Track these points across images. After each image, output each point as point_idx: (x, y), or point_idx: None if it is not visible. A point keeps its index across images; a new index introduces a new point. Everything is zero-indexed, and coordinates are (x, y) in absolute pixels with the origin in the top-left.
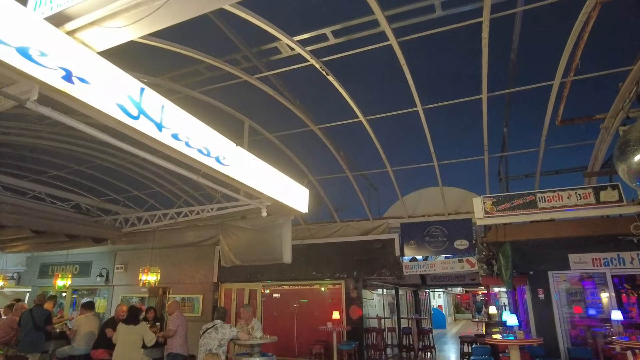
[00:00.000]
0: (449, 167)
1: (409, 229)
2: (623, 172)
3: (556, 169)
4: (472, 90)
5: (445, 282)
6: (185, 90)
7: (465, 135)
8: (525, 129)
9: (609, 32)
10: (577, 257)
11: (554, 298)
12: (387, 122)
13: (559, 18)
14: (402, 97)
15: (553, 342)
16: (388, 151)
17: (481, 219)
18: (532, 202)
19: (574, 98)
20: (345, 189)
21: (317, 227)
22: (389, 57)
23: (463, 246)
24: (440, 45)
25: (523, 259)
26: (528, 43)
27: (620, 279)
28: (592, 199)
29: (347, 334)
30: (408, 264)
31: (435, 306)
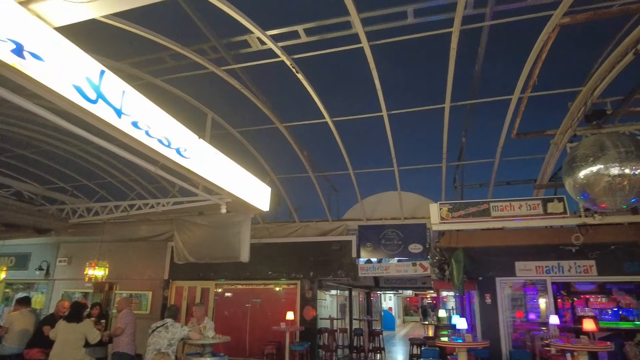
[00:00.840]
0: (408, 172)
1: (366, 232)
2: (569, 185)
3: (508, 179)
4: (436, 98)
5: (398, 284)
6: (148, 77)
7: (426, 143)
8: (483, 140)
9: (564, 54)
10: (522, 265)
11: (499, 303)
12: (353, 125)
13: (522, 36)
14: (368, 101)
15: (497, 345)
16: (351, 154)
17: (437, 225)
18: (486, 210)
19: (529, 113)
20: (306, 189)
21: (275, 227)
22: (359, 60)
23: (417, 250)
24: (410, 52)
25: (473, 264)
26: (492, 57)
27: (559, 286)
28: (540, 210)
29: (300, 335)
30: (364, 265)
31: (386, 308)
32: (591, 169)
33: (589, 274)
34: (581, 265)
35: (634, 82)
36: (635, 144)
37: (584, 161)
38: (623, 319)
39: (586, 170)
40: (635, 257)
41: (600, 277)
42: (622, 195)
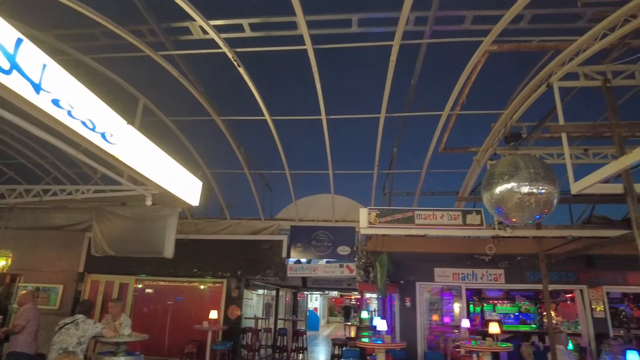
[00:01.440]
0: (342, 177)
1: (298, 232)
2: (486, 200)
3: (433, 190)
4: (373, 108)
5: (325, 285)
6: (76, 53)
7: (361, 150)
8: (412, 151)
9: (491, 79)
10: (441, 271)
11: (418, 306)
12: (292, 125)
13: (455, 57)
14: (309, 103)
15: (413, 346)
16: (289, 154)
17: (365, 229)
18: (411, 218)
19: (457, 130)
20: (240, 186)
21: (205, 222)
22: (302, 61)
23: (345, 252)
24: (352, 60)
25: (396, 268)
26: (428, 74)
27: (472, 292)
28: (460, 220)
29: (223, 334)
30: (293, 265)
31: (312, 308)
32: (506, 186)
33: (498, 282)
34: (492, 273)
35: (545, 111)
36: (543, 166)
37: (501, 178)
38: (522, 323)
39: (502, 187)
40: (536, 268)
41: (507, 284)
42: (529, 211)
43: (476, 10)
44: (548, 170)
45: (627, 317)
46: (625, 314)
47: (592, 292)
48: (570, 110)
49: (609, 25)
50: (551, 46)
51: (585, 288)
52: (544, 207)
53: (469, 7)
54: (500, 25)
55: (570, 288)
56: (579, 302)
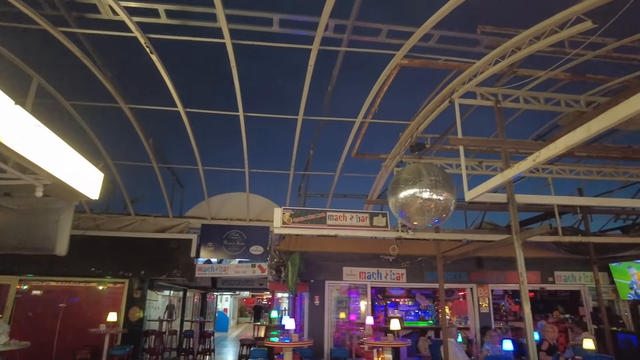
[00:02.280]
0: (258, 175)
1: (209, 231)
2: (392, 204)
3: (345, 193)
4: (291, 109)
5: (236, 285)
6: None
7: (278, 150)
8: (327, 155)
9: (401, 90)
10: (349, 270)
11: (326, 305)
12: (207, 119)
13: (370, 67)
14: (226, 98)
15: (320, 344)
16: (203, 149)
17: (278, 228)
18: (323, 218)
19: (369, 136)
20: (147, 180)
21: (106, 218)
22: (221, 55)
23: (258, 252)
24: (273, 60)
25: (307, 268)
26: (344, 81)
27: (376, 290)
28: (367, 222)
29: (122, 338)
30: (202, 266)
31: (221, 309)
32: (409, 191)
33: (401, 281)
34: (395, 272)
35: (447, 125)
36: (443, 175)
37: (405, 184)
38: (421, 319)
39: (405, 192)
40: (434, 268)
41: (408, 283)
42: (429, 215)
43: (391, 24)
44: (447, 178)
45: (507, 311)
46: (505, 308)
47: (479, 290)
48: (470, 126)
49: (500, 53)
50: (454, 66)
51: (475, 286)
52: (442, 212)
53: (385, 21)
54: (412, 41)
55: (463, 287)
56: (469, 299)
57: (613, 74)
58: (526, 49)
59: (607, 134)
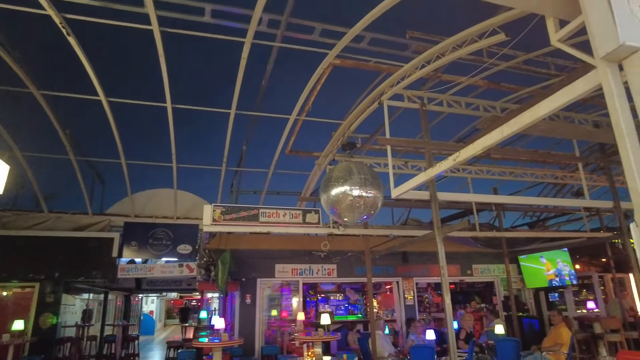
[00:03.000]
0: (187, 171)
1: (133, 229)
2: (324, 201)
3: (279, 190)
4: (223, 103)
5: (162, 286)
6: None
7: (209, 144)
8: (261, 151)
9: (334, 90)
10: (281, 267)
11: (258, 303)
12: (132, 110)
13: (304, 65)
14: (153, 88)
15: (251, 342)
16: (126, 142)
17: (208, 226)
18: (256, 215)
19: (303, 134)
20: (63, 174)
21: (13, 216)
22: (148, 43)
23: (186, 251)
24: (205, 51)
25: (239, 266)
26: (278, 77)
27: (308, 286)
28: (300, 219)
29: (31, 347)
30: (125, 266)
31: (147, 312)
32: (340, 189)
33: (332, 276)
34: (327, 268)
35: (377, 125)
36: (371, 173)
37: (336, 182)
38: (351, 313)
39: (337, 189)
40: (363, 263)
41: (339, 278)
42: (359, 212)
43: (325, 23)
44: (375, 177)
45: (430, 303)
46: (428, 300)
47: (405, 283)
48: (398, 127)
49: (426, 58)
50: (384, 68)
51: (401, 280)
52: (371, 208)
53: (319, 19)
54: (344, 41)
55: (390, 280)
56: (395, 292)
57: (523, 84)
58: (449, 56)
59: (518, 139)
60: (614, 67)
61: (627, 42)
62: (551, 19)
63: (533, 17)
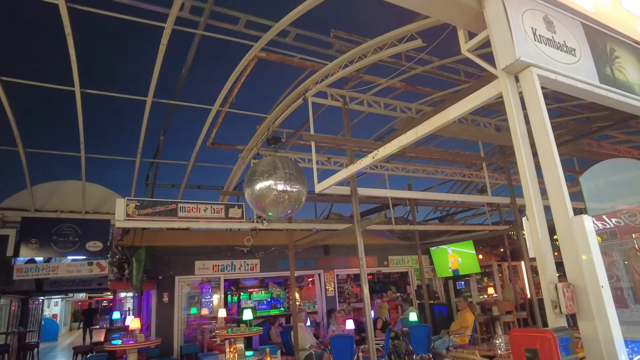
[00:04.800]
0: (97, 162)
1: (33, 225)
2: (248, 195)
3: (199, 184)
4: (139, 90)
5: (68, 287)
6: None
7: (122, 133)
8: (180, 142)
9: (260, 83)
10: (201, 264)
11: (176, 301)
12: (33, 92)
13: (229, 55)
14: (60, 69)
15: (169, 342)
16: (24, 127)
17: (121, 221)
18: (174, 210)
19: (226, 126)
20: None
21: None
22: (52, 18)
23: (96, 248)
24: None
25: (155, 263)
26: (200, 66)
27: (230, 282)
28: (222, 214)
29: None
30: (23, 266)
31: (49, 316)
32: (265, 183)
33: (254, 271)
34: (249, 263)
35: (302, 121)
36: (296, 168)
37: (261, 176)
38: (274, 307)
39: (261, 184)
40: (286, 257)
41: (262, 273)
42: (283, 206)
43: (250, 15)
44: (300, 172)
45: (349, 294)
46: (348, 291)
47: (326, 275)
48: (322, 124)
49: (349, 58)
50: (309, 65)
51: (322, 272)
52: (295, 203)
53: (244, 10)
54: (270, 34)
55: (312, 273)
56: (317, 285)
57: (437, 88)
58: (371, 57)
59: (431, 139)
60: (511, 78)
61: (522, 57)
62: (462, 30)
63: (447, 26)
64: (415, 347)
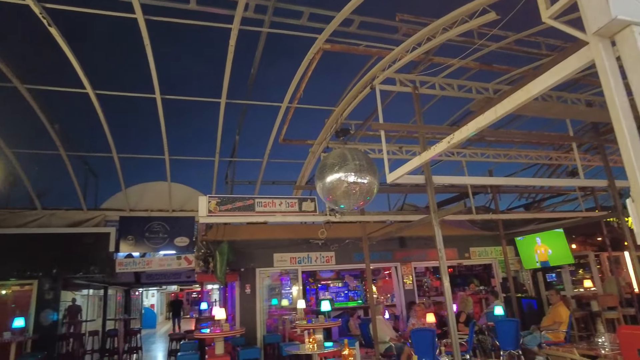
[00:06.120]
0: (180, 163)
1: (128, 224)
2: (319, 188)
3: (274, 179)
4: (213, 92)
5: (161, 280)
6: None
7: (201, 135)
8: (254, 140)
9: (326, 76)
10: (280, 256)
11: (258, 292)
12: (121, 102)
13: (294, 51)
14: (141, 79)
15: (253, 331)
16: (117, 135)
17: (204, 217)
18: (251, 205)
19: (295, 122)
20: (55, 170)
21: (6, 214)
22: (133, 32)
23: (183, 243)
24: (191, 39)
25: (237, 256)
26: (268, 64)
27: (307, 274)
28: (296, 207)
29: (33, 344)
30: (123, 260)
31: (148, 305)
32: (335, 175)
33: (330, 263)
34: (325, 255)
35: (370, 111)
36: (366, 159)
37: (331, 169)
38: (351, 299)
39: (332, 176)
40: (360, 249)
41: (337, 265)
42: (355, 198)
43: (312, 7)
44: (370, 162)
45: (429, 287)
46: (427, 284)
47: (403, 268)
48: (391, 112)
49: (417, 40)
50: (375, 52)
51: (399, 265)
52: (367, 194)
53: (306, 3)
54: (333, 25)
55: (388, 265)
56: (394, 277)
57: (515, 65)
58: (440, 37)
59: (512, 120)
60: (606, 42)
61: (619, 15)
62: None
63: None
64: (502, 343)
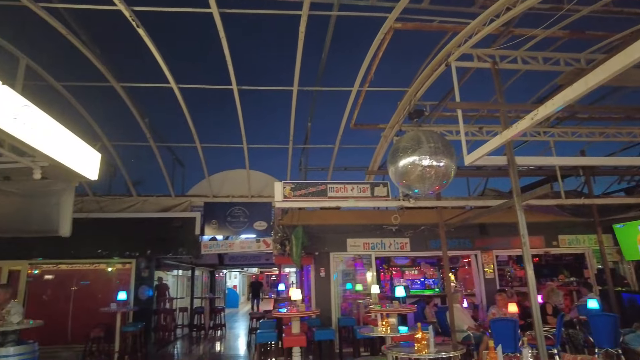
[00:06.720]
0: (257, 151)
1: (212, 209)
2: (392, 173)
3: (346, 165)
4: (284, 81)
5: (242, 262)
6: None
7: (275, 123)
8: (326, 127)
9: (397, 56)
10: (352, 242)
11: (332, 276)
12: (201, 95)
13: (364, 33)
14: (218, 71)
15: (328, 313)
16: (199, 126)
17: (279, 202)
18: (324, 190)
19: (366, 106)
20: (146, 160)
21: (109, 200)
22: (208, 26)
23: (262, 227)
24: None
25: (311, 241)
26: (337, 48)
27: (381, 260)
28: (368, 192)
29: (134, 315)
30: (207, 243)
31: (231, 286)
32: (409, 159)
33: (404, 250)
34: (399, 242)
35: (445, 91)
36: (442, 141)
37: (404, 152)
38: (428, 287)
39: (405, 160)
40: (437, 236)
41: (412, 252)
42: (430, 182)
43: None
44: (447, 144)
45: (512, 277)
46: (510, 274)
47: (484, 256)
48: (468, 92)
49: (494, 12)
50: (449, 28)
51: (479, 253)
52: (443, 178)
53: None
54: (403, 2)
55: (467, 254)
56: (473, 266)
57: (614, 30)
58: (520, 6)
59: (608, 94)
60: None
61: None
62: None
63: None
64: (597, 339)
